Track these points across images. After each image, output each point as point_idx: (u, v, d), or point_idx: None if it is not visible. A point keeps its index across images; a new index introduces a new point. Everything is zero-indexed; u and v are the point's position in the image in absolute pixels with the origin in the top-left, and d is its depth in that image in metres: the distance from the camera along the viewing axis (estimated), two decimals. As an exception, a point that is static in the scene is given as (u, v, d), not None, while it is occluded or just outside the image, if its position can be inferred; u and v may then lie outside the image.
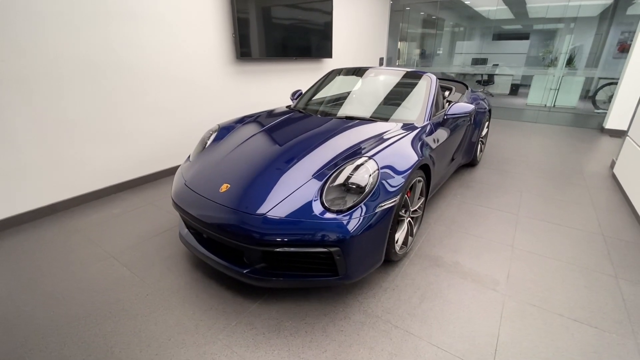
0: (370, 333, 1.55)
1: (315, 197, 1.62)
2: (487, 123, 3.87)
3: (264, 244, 1.53)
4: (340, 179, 1.67)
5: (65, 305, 1.73)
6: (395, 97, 2.63)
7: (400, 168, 1.78)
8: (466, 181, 3.38)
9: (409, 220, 2.07)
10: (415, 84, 2.67)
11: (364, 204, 1.59)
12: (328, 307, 1.71)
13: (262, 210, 1.60)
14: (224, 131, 2.40)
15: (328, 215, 1.55)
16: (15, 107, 2.33)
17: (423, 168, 2.10)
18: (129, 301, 1.75)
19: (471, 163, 3.70)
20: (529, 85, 7.77)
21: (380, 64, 7.28)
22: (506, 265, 2.05)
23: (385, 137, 2.04)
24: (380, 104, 2.61)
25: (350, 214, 1.55)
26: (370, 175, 1.65)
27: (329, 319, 1.63)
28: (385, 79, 2.85)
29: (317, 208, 1.58)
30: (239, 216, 1.61)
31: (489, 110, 3.79)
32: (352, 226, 1.52)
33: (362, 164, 1.71)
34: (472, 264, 2.06)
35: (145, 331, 1.56)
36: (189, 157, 2.30)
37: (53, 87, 2.49)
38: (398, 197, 1.70)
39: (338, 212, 1.56)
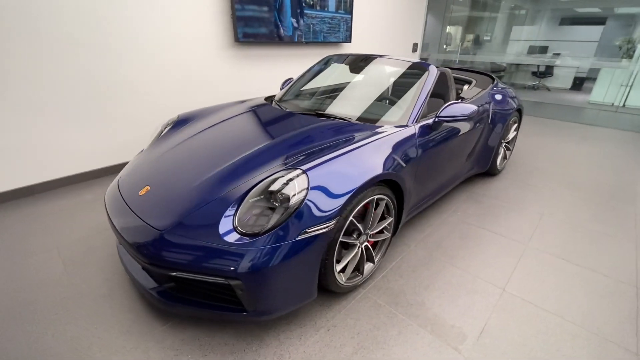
0: (273, 387, 1.27)
1: (229, 213, 1.34)
2: (515, 125, 3.23)
3: (156, 264, 1.30)
4: (263, 194, 1.37)
5: (-12, 298, 1.67)
6: (383, 93, 2.21)
7: (341, 186, 1.42)
8: (476, 194, 2.86)
9: (367, 246, 1.71)
10: (410, 78, 2.21)
11: (281, 228, 1.28)
12: (240, 342, 1.45)
13: (163, 223, 1.36)
14: (182, 122, 2.19)
15: (232, 238, 1.27)
16: (-12, 87, 2.33)
17: (392, 183, 1.71)
18: (43, 304, 1.64)
19: (489, 172, 3.13)
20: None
21: (414, 50, 6.59)
22: (485, 315, 1.62)
23: (343, 142, 1.67)
24: (360, 100, 2.21)
25: (260, 241, 1.25)
26: (295, 195, 1.33)
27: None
28: (378, 71, 2.41)
29: (224, 227, 1.30)
30: (140, 227, 1.39)
31: (519, 110, 3.15)
32: (257, 257, 1.23)
33: (291, 179, 1.38)
34: (440, 307, 1.66)
35: (40, 343, 1.43)
36: (142, 150, 2.13)
37: (31, 68, 2.45)
38: (333, 221, 1.36)
39: (249, 235, 1.27)
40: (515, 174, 3.30)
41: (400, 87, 2.18)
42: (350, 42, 4.87)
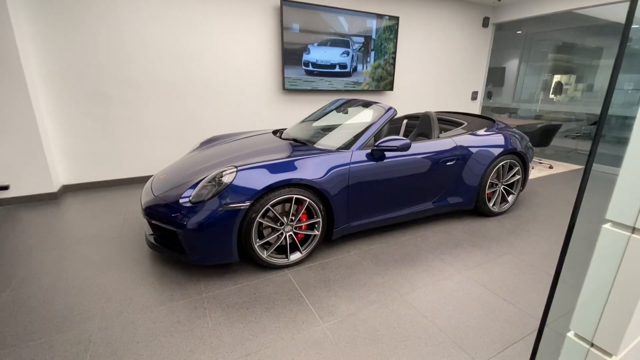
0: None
1: (192, 188, 2.13)
2: (516, 169, 3.20)
3: (148, 214, 2.16)
4: (212, 180, 2.11)
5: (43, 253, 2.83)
6: (347, 128, 2.76)
7: (259, 181, 2.04)
8: (451, 228, 2.95)
9: (292, 236, 2.24)
10: (373, 117, 2.72)
11: (212, 201, 1.99)
12: (181, 277, 2.14)
13: (159, 192, 2.24)
14: (212, 140, 3.18)
15: (184, 202, 2.04)
16: (117, 114, 3.84)
17: (318, 191, 2.23)
18: (101, 238, 2.69)
19: (479, 211, 3.15)
20: None
21: (473, 98, 6.64)
22: (364, 306, 1.91)
23: (287, 155, 2.31)
24: (328, 132, 2.81)
25: (197, 207, 1.99)
26: (225, 182, 2.03)
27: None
28: (352, 111, 3.00)
29: (185, 195, 2.09)
30: (149, 194, 2.31)
31: (518, 153, 3.14)
32: (191, 216, 1.97)
33: (228, 172, 2.09)
34: (335, 293, 2.02)
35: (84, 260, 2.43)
36: (184, 156, 3.17)
37: (143, 101, 3.93)
38: (247, 203, 2.00)
39: (194, 203, 2.02)
40: (516, 218, 3.20)
41: (361, 123, 2.70)
42: (392, 89, 5.45)
